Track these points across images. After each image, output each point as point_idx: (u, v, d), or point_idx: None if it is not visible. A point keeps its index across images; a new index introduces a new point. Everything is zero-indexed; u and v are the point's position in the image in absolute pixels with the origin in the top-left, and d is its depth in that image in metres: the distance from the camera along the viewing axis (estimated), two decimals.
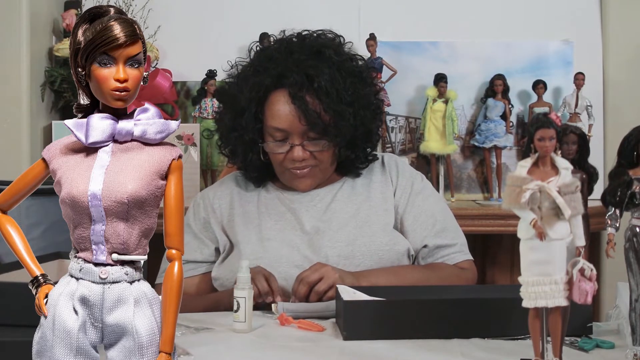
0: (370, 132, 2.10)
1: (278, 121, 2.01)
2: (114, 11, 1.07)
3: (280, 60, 2.03)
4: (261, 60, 2.08)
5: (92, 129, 1.05)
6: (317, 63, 2.01)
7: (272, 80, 2.02)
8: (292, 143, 2.02)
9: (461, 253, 2.10)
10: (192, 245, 2.10)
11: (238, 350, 1.60)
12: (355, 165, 2.13)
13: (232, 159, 2.18)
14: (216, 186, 2.22)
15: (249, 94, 2.03)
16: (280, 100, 2.01)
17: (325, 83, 1.98)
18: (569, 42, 3.08)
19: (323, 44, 2.07)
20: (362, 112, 2.04)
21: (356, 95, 2.03)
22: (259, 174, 2.13)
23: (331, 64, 2.02)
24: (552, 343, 1.28)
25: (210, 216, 2.13)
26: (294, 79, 1.99)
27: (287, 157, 2.03)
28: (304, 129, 2.00)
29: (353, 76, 2.05)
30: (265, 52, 2.10)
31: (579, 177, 1.30)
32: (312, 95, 1.99)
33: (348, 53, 2.11)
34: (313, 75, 1.99)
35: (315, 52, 2.04)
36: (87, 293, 1.04)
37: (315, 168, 2.06)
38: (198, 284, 2.11)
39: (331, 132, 2.01)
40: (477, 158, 3.07)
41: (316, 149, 2.03)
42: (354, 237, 2.03)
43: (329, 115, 1.99)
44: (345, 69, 2.04)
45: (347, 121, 2.00)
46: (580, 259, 1.25)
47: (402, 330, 1.64)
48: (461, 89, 3.02)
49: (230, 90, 2.11)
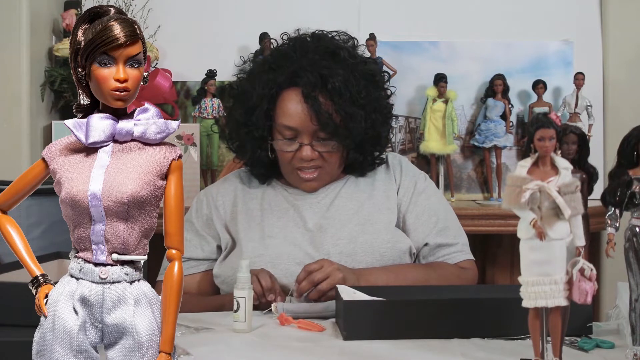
0: (379, 136, 2.10)
1: (289, 119, 2.02)
2: (114, 11, 1.07)
3: (295, 59, 2.04)
4: (275, 58, 2.08)
5: (92, 129, 1.05)
6: (331, 64, 2.01)
7: (285, 78, 2.02)
8: (302, 142, 2.02)
9: (462, 253, 2.10)
10: (193, 242, 2.11)
11: (238, 350, 1.60)
12: (362, 167, 2.13)
13: (239, 155, 2.18)
14: (219, 183, 2.22)
15: (262, 91, 2.04)
16: (292, 98, 2.02)
17: (339, 84, 1.99)
18: (569, 42, 3.08)
19: (338, 46, 2.07)
20: (374, 116, 2.05)
21: (369, 98, 2.04)
22: (265, 171, 2.13)
23: (345, 65, 2.02)
24: (552, 343, 1.28)
25: (213, 213, 2.13)
26: (308, 79, 1.99)
27: (296, 156, 2.04)
28: (314, 128, 2.00)
29: (366, 79, 2.05)
30: (280, 50, 2.10)
31: (579, 177, 1.30)
32: (325, 96, 1.99)
33: (362, 56, 2.12)
34: (327, 76, 1.99)
35: (330, 53, 2.05)
36: (87, 293, 1.04)
37: (322, 170, 2.06)
38: (199, 282, 2.11)
39: (341, 134, 2.01)
40: (477, 158, 3.07)
41: (325, 149, 2.03)
42: (356, 234, 2.04)
43: (341, 116, 2.00)
44: (359, 71, 2.04)
45: (358, 123, 2.01)
46: (580, 259, 1.25)
47: (402, 330, 1.64)
48: (461, 89, 3.02)
49: (242, 85, 2.11)
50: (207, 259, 2.12)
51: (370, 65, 2.11)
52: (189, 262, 2.09)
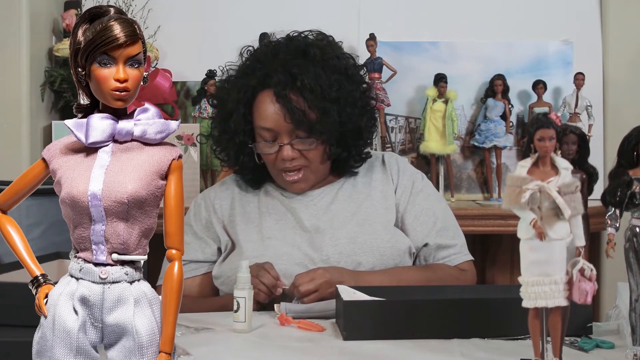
0: (359, 129, 2.10)
1: (265, 121, 2.03)
2: (114, 11, 1.07)
3: (267, 62, 2.06)
4: (250, 62, 2.11)
5: (92, 129, 1.05)
6: (301, 62, 2.03)
7: (258, 80, 2.05)
8: (281, 143, 2.03)
9: (461, 254, 2.10)
10: (193, 245, 2.11)
11: (238, 350, 1.60)
12: (350, 164, 2.14)
13: (226, 162, 2.21)
14: (217, 187, 2.23)
15: (237, 95, 2.06)
16: (266, 100, 2.03)
17: (308, 81, 2.00)
18: (569, 42, 3.08)
19: (309, 44, 2.09)
20: (349, 109, 2.05)
21: (341, 92, 2.04)
22: (253, 176, 2.15)
23: (316, 62, 2.04)
24: (552, 343, 1.28)
25: (211, 216, 2.13)
26: (278, 78, 2.01)
27: (278, 157, 2.05)
28: (290, 127, 2.01)
29: (338, 73, 2.06)
30: (253, 55, 2.13)
31: (579, 177, 1.30)
32: (296, 93, 2.01)
33: (335, 51, 2.11)
34: (297, 74, 2.01)
35: (301, 52, 2.06)
36: (87, 293, 1.04)
37: (306, 169, 2.07)
38: (200, 284, 2.11)
39: (317, 130, 2.02)
40: (477, 158, 3.07)
41: (304, 147, 2.04)
42: (355, 234, 2.04)
43: (314, 112, 2.01)
44: (330, 66, 2.05)
45: (331, 118, 2.02)
46: (580, 259, 1.25)
47: (402, 330, 1.64)
48: (461, 89, 3.02)
49: (220, 94, 2.14)
50: (208, 261, 2.12)
51: (343, 61, 2.11)
52: (189, 264, 2.10)
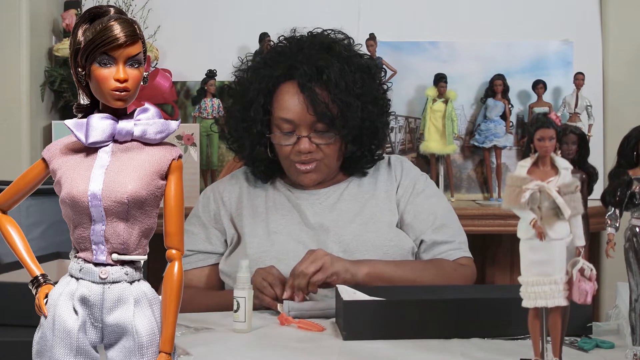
0: (377, 129, 2.11)
1: (286, 112, 2.03)
2: (114, 11, 1.07)
3: (291, 55, 2.07)
4: (272, 55, 2.12)
5: (92, 129, 1.05)
6: (326, 56, 2.04)
7: (282, 72, 2.05)
8: (299, 135, 2.03)
9: (459, 250, 2.10)
10: (201, 236, 2.13)
11: (238, 350, 1.60)
12: (361, 164, 2.14)
13: (239, 153, 2.19)
14: (226, 179, 2.24)
15: (259, 85, 2.06)
16: (289, 91, 2.04)
17: (334, 75, 2.01)
18: (568, 42, 3.08)
19: (333, 40, 2.11)
20: (370, 107, 2.06)
21: (364, 89, 2.06)
22: (266, 168, 2.15)
23: (341, 58, 2.05)
24: (552, 343, 1.28)
25: (220, 208, 2.15)
26: (304, 71, 2.02)
27: (294, 149, 2.05)
28: (311, 120, 2.02)
29: (362, 71, 2.08)
30: (276, 48, 2.14)
31: (579, 177, 1.30)
32: (321, 87, 2.01)
33: (357, 51, 2.14)
34: (323, 67, 2.02)
35: (326, 47, 2.08)
36: (87, 293, 1.04)
37: (320, 162, 2.07)
38: (208, 275, 2.12)
39: (338, 124, 2.02)
40: (476, 158, 3.07)
41: (323, 141, 2.04)
42: (360, 232, 2.05)
43: (337, 106, 2.01)
44: (354, 63, 2.07)
45: (354, 113, 2.02)
46: (580, 259, 1.25)
47: (402, 330, 1.64)
48: (461, 89, 3.02)
49: (240, 82, 2.14)
50: (215, 253, 2.13)
51: (366, 60, 2.14)
52: (197, 255, 2.11)
